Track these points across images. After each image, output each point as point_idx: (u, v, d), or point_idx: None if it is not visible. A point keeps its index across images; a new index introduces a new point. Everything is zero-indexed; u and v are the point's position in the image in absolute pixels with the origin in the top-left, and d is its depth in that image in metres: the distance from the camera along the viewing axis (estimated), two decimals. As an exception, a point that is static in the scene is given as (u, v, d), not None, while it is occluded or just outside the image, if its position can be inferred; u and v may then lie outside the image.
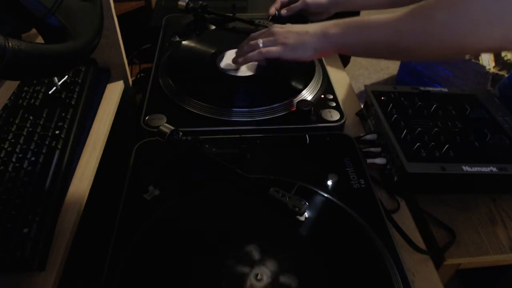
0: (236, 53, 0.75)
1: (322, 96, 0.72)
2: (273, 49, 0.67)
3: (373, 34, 0.59)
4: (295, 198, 0.50)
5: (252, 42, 0.71)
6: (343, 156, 0.60)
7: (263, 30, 0.72)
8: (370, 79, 2.28)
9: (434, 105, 0.69)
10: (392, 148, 0.62)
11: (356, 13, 0.99)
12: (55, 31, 0.40)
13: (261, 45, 0.69)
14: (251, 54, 0.70)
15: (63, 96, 0.69)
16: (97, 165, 0.64)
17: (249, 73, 0.75)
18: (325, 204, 0.53)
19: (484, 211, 0.61)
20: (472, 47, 0.54)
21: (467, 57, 1.74)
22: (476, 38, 0.51)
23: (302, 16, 0.92)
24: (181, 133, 0.56)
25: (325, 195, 0.54)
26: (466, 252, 0.56)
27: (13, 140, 0.59)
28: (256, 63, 0.76)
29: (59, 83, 0.72)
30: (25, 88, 0.70)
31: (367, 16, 0.61)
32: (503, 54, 1.73)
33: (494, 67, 1.70)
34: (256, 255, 0.46)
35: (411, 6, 0.56)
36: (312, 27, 0.66)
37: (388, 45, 0.59)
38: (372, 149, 0.67)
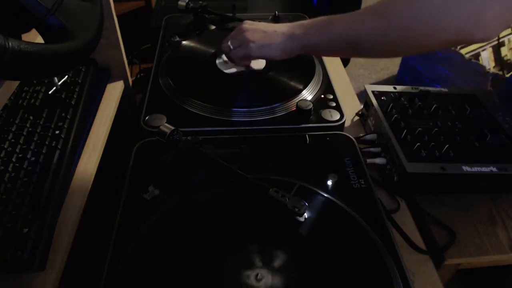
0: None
1: (322, 96, 0.72)
2: (239, 50, 0.68)
3: (333, 31, 0.59)
4: (295, 198, 0.50)
5: (224, 45, 0.71)
6: (343, 156, 0.60)
7: (236, 29, 0.71)
8: (370, 79, 2.28)
9: (434, 105, 0.69)
10: (392, 148, 0.62)
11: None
12: (55, 31, 0.40)
13: (231, 47, 0.69)
14: (226, 58, 0.71)
15: (63, 96, 0.69)
16: (97, 165, 0.64)
17: (249, 73, 0.75)
18: (325, 204, 0.53)
19: (484, 211, 0.61)
20: (428, 43, 0.53)
21: (467, 57, 1.74)
22: (433, 35, 0.51)
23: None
24: (181, 133, 0.56)
25: (325, 195, 0.54)
26: (466, 252, 0.56)
27: (13, 140, 0.59)
28: (257, 62, 0.76)
29: (59, 83, 0.72)
30: (25, 88, 0.70)
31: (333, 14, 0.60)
32: (503, 54, 1.73)
33: (494, 67, 1.69)
34: (256, 255, 0.46)
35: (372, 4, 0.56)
36: (280, 28, 0.65)
37: (347, 42, 0.58)
38: (372, 149, 0.67)
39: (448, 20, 0.49)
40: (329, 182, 0.56)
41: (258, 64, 0.77)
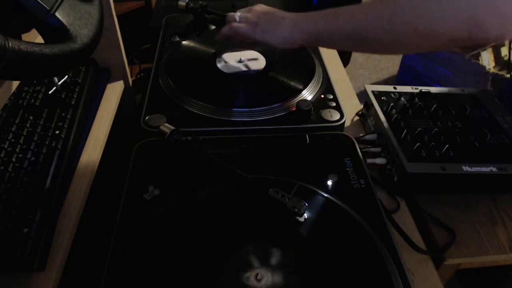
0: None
1: (322, 96, 0.72)
2: (243, 26, 0.67)
3: (339, 19, 0.57)
4: (295, 199, 0.50)
5: (230, 15, 0.70)
6: (343, 156, 0.60)
7: (248, 7, 0.71)
8: (370, 79, 2.28)
9: (434, 105, 0.69)
10: (392, 148, 0.62)
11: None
12: (55, 31, 0.40)
13: (237, 18, 0.68)
14: (223, 28, 0.69)
15: (63, 96, 0.69)
16: (97, 165, 0.64)
17: (249, 73, 0.75)
18: (325, 204, 0.53)
19: (484, 211, 0.61)
20: (437, 34, 0.49)
21: (467, 57, 1.74)
22: (441, 23, 0.48)
23: None
24: (181, 133, 0.56)
25: (325, 195, 0.54)
26: (466, 252, 0.56)
27: (13, 140, 0.59)
28: (257, 62, 0.76)
29: (59, 83, 0.72)
30: (25, 88, 0.70)
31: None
32: (503, 54, 1.73)
33: (494, 67, 1.70)
34: (256, 255, 0.46)
35: None
36: (289, 16, 0.64)
37: (352, 30, 0.56)
38: (372, 149, 0.67)
39: (458, 8, 0.45)
40: (329, 182, 0.56)
41: (258, 64, 0.77)
